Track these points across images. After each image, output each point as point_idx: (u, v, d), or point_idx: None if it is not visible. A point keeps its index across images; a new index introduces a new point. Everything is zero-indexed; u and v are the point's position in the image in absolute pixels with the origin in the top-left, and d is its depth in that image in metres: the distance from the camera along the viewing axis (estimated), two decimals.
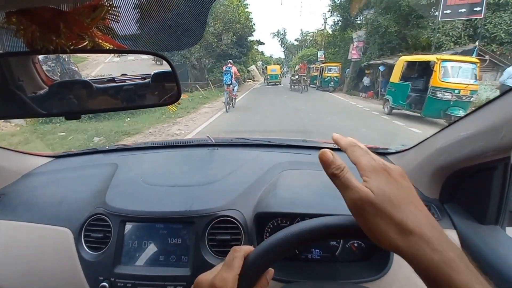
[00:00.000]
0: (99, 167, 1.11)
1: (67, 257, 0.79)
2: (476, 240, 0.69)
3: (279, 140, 1.30)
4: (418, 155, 0.89)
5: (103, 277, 0.75)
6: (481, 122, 0.63)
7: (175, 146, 1.33)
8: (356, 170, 0.36)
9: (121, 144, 1.40)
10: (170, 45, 0.71)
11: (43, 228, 0.84)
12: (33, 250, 0.82)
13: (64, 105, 0.66)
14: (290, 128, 6.53)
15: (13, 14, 0.38)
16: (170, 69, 0.62)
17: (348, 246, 0.79)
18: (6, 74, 0.59)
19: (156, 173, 1.03)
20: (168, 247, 0.78)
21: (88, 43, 0.46)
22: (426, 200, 0.83)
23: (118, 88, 0.69)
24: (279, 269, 0.71)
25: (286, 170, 0.97)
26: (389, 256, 0.70)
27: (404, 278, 0.70)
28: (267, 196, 0.82)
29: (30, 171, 1.11)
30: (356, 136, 0.39)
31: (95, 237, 0.80)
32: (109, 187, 0.92)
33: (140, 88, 0.70)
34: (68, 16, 0.41)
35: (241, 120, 8.08)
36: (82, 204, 0.87)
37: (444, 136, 0.77)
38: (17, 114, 1.02)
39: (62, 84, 0.72)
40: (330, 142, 1.25)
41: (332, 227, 0.40)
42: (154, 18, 0.54)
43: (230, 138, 1.32)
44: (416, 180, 0.89)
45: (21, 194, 0.97)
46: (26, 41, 0.42)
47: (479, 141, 0.63)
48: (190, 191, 0.89)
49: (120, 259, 0.77)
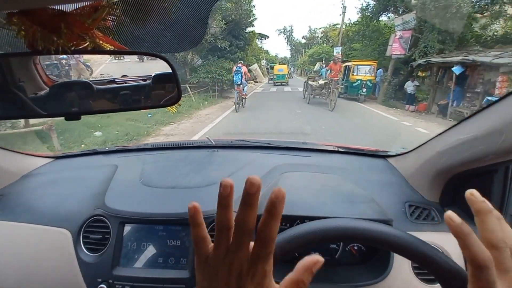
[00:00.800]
0: (98, 168, 1.11)
1: (66, 258, 0.79)
2: None
3: (279, 142, 1.29)
4: (419, 158, 0.89)
5: (101, 279, 0.75)
6: (481, 125, 0.63)
7: (175, 147, 1.33)
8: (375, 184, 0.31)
9: (120, 146, 1.40)
10: (171, 47, 0.71)
11: (42, 229, 0.83)
12: (31, 251, 0.82)
13: (65, 106, 0.66)
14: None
15: (15, 15, 0.38)
16: (171, 70, 0.62)
17: (348, 249, 0.79)
18: (7, 75, 0.59)
19: (156, 175, 1.03)
20: (167, 249, 0.77)
21: (89, 44, 0.46)
22: (426, 204, 0.83)
23: (118, 89, 0.69)
24: (278, 272, 0.71)
25: (286, 172, 0.97)
26: (389, 259, 0.70)
27: (403, 282, 0.70)
28: (267, 198, 0.82)
29: (30, 172, 1.11)
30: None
31: (94, 239, 0.79)
32: (108, 188, 0.92)
33: (141, 90, 0.70)
34: (69, 17, 0.41)
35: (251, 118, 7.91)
36: (81, 205, 0.87)
37: (444, 139, 0.77)
38: (18, 115, 1.03)
39: (63, 85, 0.72)
40: (330, 144, 1.25)
41: (335, 230, 0.40)
42: (154, 19, 0.54)
43: (230, 140, 1.32)
44: (417, 183, 0.89)
45: (21, 195, 0.97)
46: (27, 41, 0.42)
47: (480, 144, 0.62)
48: (190, 192, 0.88)
49: (119, 261, 0.77)
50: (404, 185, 0.92)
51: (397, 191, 0.89)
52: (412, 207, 0.82)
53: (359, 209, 0.76)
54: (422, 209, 0.81)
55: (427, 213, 0.80)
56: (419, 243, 0.41)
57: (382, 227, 0.43)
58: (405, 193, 0.88)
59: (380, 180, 0.96)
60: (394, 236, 0.42)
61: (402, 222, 0.77)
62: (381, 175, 0.99)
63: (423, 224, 0.77)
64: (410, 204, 0.83)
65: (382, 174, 1.00)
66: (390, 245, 0.42)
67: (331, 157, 1.15)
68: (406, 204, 0.83)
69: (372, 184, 0.92)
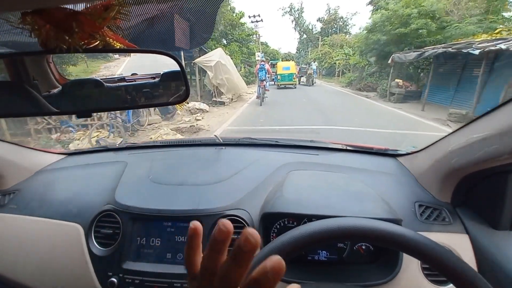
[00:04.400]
0: (109, 165, 1.13)
1: (78, 252, 0.81)
2: (489, 245, 0.67)
3: (287, 140, 1.29)
4: (430, 157, 0.87)
5: (112, 272, 0.77)
6: (495, 124, 0.61)
7: (183, 145, 1.34)
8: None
9: (130, 143, 1.42)
10: (180, 44, 0.71)
11: (55, 223, 0.86)
12: (45, 244, 0.85)
13: (76, 104, 0.68)
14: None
15: (28, 15, 0.39)
16: (179, 68, 0.63)
17: (356, 249, 0.78)
18: (22, 73, 0.61)
19: (164, 172, 1.04)
20: (176, 245, 0.79)
21: (99, 42, 0.47)
22: (437, 204, 0.81)
23: (128, 87, 0.70)
24: (285, 270, 0.71)
25: (293, 170, 0.97)
26: (398, 259, 0.69)
27: (413, 282, 0.68)
28: (274, 196, 0.82)
29: (43, 167, 1.14)
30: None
31: (105, 233, 0.81)
32: (118, 184, 0.93)
33: (150, 87, 0.71)
34: (81, 16, 0.42)
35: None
36: (92, 201, 0.89)
37: (456, 138, 0.75)
38: (32, 112, 1.05)
39: (75, 83, 0.74)
40: (338, 142, 1.24)
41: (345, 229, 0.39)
42: (163, 17, 0.55)
43: (238, 138, 1.32)
44: (427, 183, 0.87)
45: (35, 190, 1.00)
46: (40, 40, 0.43)
47: (493, 143, 0.61)
48: (198, 190, 0.89)
49: (129, 255, 0.78)
50: (414, 185, 0.90)
51: (407, 191, 0.88)
52: (422, 207, 0.80)
53: (368, 208, 0.75)
54: (433, 209, 0.79)
55: (437, 214, 0.78)
56: (432, 244, 0.40)
57: (391, 226, 0.42)
58: (415, 193, 0.86)
59: (389, 179, 0.95)
60: (404, 236, 0.41)
61: (412, 222, 0.76)
62: (390, 174, 0.98)
63: (432, 225, 0.75)
64: (420, 204, 0.81)
65: (391, 173, 0.98)
66: (399, 245, 0.42)
67: (339, 156, 1.14)
68: (416, 204, 0.81)
69: (381, 183, 0.90)
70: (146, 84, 0.71)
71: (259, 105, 9.91)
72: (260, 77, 10.74)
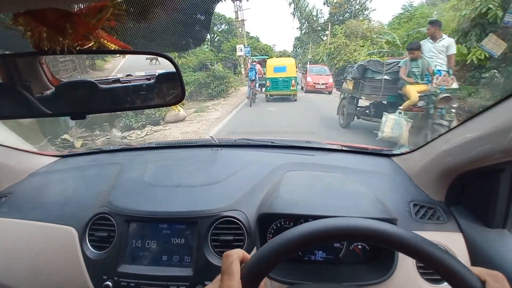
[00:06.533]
0: (103, 167, 1.12)
1: (72, 255, 0.80)
2: (483, 243, 0.68)
3: (283, 141, 1.29)
4: (424, 157, 0.88)
5: (106, 276, 0.76)
6: (488, 124, 0.62)
7: (179, 146, 1.33)
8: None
9: (125, 144, 1.41)
10: (175, 45, 0.71)
11: (48, 226, 0.85)
12: (39, 248, 0.83)
13: (70, 105, 0.67)
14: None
15: (21, 15, 0.39)
16: (174, 69, 0.62)
17: (352, 249, 0.79)
18: (14, 75, 0.60)
19: (160, 173, 1.04)
20: (171, 247, 0.78)
21: (93, 44, 0.47)
22: (431, 203, 0.82)
23: (123, 89, 0.69)
24: (282, 270, 0.71)
25: (289, 171, 0.97)
26: (393, 258, 0.69)
27: (408, 281, 0.69)
28: (270, 197, 0.82)
29: (36, 170, 1.12)
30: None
31: (99, 236, 0.80)
32: (113, 187, 0.92)
33: (145, 89, 0.71)
34: (74, 17, 0.42)
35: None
36: (87, 204, 0.88)
37: (450, 138, 0.76)
38: (24, 114, 1.04)
39: (68, 84, 0.73)
40: (333, 143, 1.25)
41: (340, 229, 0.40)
42: (158, 18, 0.54)
43: (234, 139, 1.32)
44: (422, 182, 0.88)
45: (28, 193, 0.99)
46: (33, 42, 0.42)
47: (486, 143, 0.62)
48: (194, 191, 0.89)
49: (124, 258, 0.77)
50: (409, 184, 0.91)
51: (402, 190, 0.89)
52: (417, 206, 0.81)
53: (363, 208, 0.75)
54: (427, 208, 0.80)
55: (432, 213, 0.79)
56: (426, 243, 0.41)
57: (387, 226, 0.42)
58: (410, 192, 0.87)
59: (384, 179, 0.96)
60: (399, 236, 0.42)
61: (407, 221, 0.77)
62: (385, 174, 0.98)
63: (427, 224, 0.76)
64: (414, 203, 0.82)
65: (386, 173, 0.99)
66: (394, 244, 0.42)
67: (335, 156, 1.15)
68: (411, 203, 0.82)
69: (376, 183, 0.91)
70: (141, 85, 0.70)
71: (249, 106, 9.97)
72: (250, 77, 10.62)
